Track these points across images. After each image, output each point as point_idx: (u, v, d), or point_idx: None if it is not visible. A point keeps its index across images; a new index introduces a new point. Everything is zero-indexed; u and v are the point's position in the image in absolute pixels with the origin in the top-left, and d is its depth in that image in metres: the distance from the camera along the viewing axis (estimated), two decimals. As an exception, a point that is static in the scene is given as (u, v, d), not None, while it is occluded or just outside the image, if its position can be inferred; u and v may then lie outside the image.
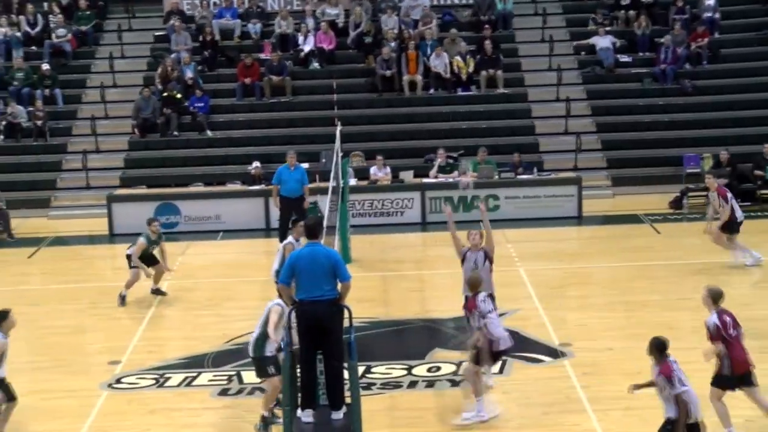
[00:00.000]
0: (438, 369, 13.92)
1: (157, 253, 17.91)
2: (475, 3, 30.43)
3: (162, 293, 17.98)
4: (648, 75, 28.58)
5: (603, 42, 28.98)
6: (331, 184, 19.10)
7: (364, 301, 16.44)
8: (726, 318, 11.36)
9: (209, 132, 27.21)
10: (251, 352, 12.32)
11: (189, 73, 27.85)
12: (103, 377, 14.34)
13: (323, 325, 10.74)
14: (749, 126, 26.93)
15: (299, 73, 28.82)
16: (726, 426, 11.42)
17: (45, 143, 27.22)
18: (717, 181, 19.13)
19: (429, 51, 28.10)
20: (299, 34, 29.33)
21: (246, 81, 27.95)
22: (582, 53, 29.42)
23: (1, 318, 12.09)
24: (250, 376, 13.71)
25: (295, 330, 10.95)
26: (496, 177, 23.88)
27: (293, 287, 10.90)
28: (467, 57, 28.15)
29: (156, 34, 30.44)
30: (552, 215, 23.35)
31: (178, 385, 14.01)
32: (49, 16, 30.16)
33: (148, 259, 17.85)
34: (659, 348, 10.49)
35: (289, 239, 15.63)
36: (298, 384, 11.00)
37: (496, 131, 26.97)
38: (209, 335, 15.93)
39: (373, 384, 13.71)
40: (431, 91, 28.07)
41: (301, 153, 22.83)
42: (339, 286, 10.85)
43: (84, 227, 23.96)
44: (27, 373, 14.70)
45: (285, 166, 21.33)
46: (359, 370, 12.07)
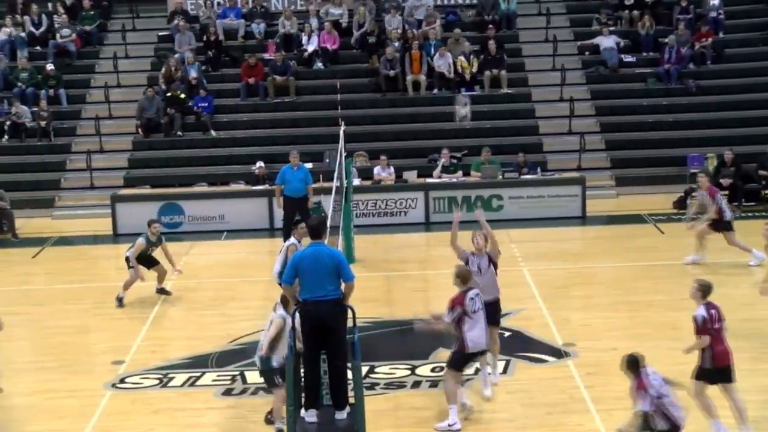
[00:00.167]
0: (442, 369, 13.84)
1: (159, 255, 17.84)
2: (479, 3, 30.43)
3: (167, 293, 17.99)
4: (652, 75, 28.55)
5: (607, 42, 28.96)
6: (335, 184, 19.09)
7: (367, 301, 16.44)
8: (712, 311, 11.44)
9: (213, 132, 27.22)
10: (258, 364, 12.30)
11: (193, 73, 27.87)
12: (107, 377, 14.34)
13: (327, 325, 10.74)
14: (754, 126, 26.90)
15: (303, 73, 28.83)
16: (711, 416, 11.43)
17: (49, 143, 27.24)
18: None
19: (433, 51, 28.11)
20: (303, 34, 29.34)
21: (250, 81, 27.96)
22: (586, 53, 29.39)
23: None
24: (253, 376, 13.73)
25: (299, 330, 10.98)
26: (499, 177, 23.88)
27: (297, 287, 10.92)
28: (471, 57, 28.15)
29: (160, 34, 30.45)
30: (556, 215, 23.34)
31: (181, 385, 14.01)
32: (54, 16, 30.21)
33: (147, 261, 17.82)
34: (633, 365, 10.64)
35: (292, 240, 15.62)
36: (301, 384, 11.02)
37: (499, 131, 26.95)
38: (213, 335, 15.94)
39: (377, 384, 13.72)
40: (435, 91, 28.05)
41: (305, 153, 22.82)
42: (343, 286, 10.85)
43: (88, 227, 23.98)
44: (31, 373, 14.75)
45: (288, 166, 21.31)
46: (363, 370, 12.07)
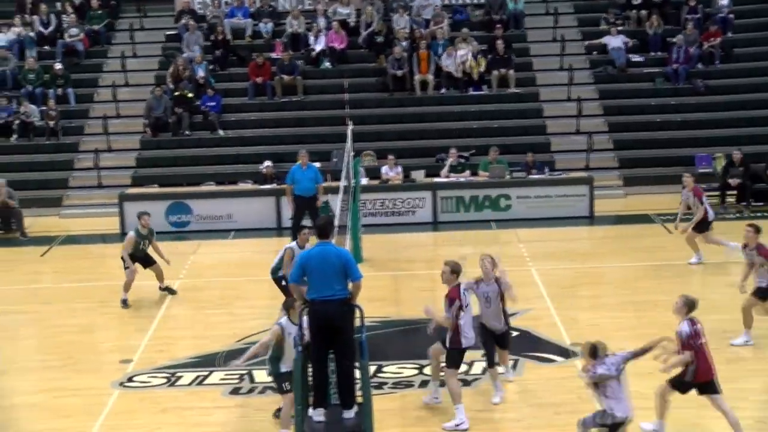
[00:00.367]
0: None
1: (151, 252, 17.79)
2: (487, 3, 30.41)
3: (172, 291, 18.00)
4: (660, 75, 28.50)
5: (615, 41, 28.92)
6: (343, 183, 19.09)
7: (375, 301, 16.44)
8: (697, 326, 11.50)
9: (221, 131, 27.24)
10: (268, 368, 12.35)
11: (200, 73, 27.89)
12: (115, 376, 14.37)
13: (334, 325, 10.74)
14: (762, 125, 26.83)
15: (310, 73, 28.82)
16: (660, 417, 11.70)
17: (57, 142, 27.28)
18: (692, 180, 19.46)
19: (440, 50, 28.09)
20: (311, 33, 29.35)
21: (257, 80, 27.97)
22: (594, 53, 29.35)
23: None
24: (261, 375, 13.75)
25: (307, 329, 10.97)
26: (507, 176, 23.87)
27: (304, 286, 10.92)
28: (479, 56, 28.12)
29: (168, 33, 30.47)
30: (563, 215, 23.32)
31: (189, 384, 14.03)
32: (62, 15, 30.25)
33: (143, 260, 17.77)
34: (593, 352, 10.89)
35: (292, 244, 15.74)
36: (309, 383, 11.02)
37: (507, 131, 26.92)
38: (220, 334, 15.95)
39: (385, 383, 13.72)
40: (443, 91, 28.04)
41: (313, 152, 22.82)
42: (350, 285, 10.84)
43: (96, 226, 24.01)
44: (39, 372, 14.79)
45: (297, 165, 21.34)
46: (371, 369, 12.06)
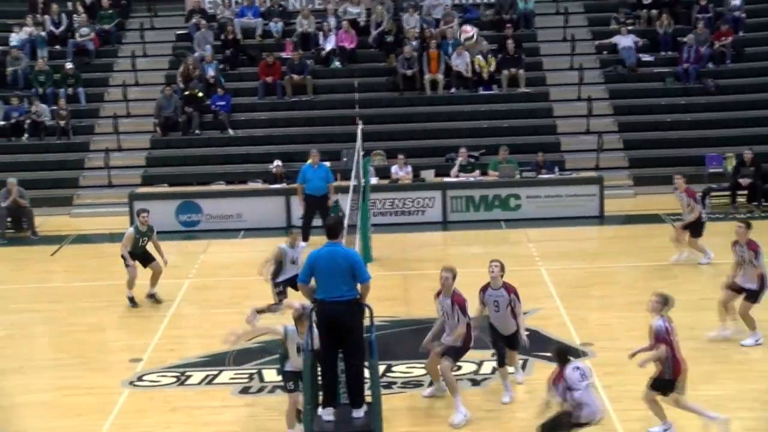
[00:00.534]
0: (459, 368, 13.88)
1: (151, 250, 17.74)
2: (497, 2, 30.39)
3: (158, 300, 17.75)
4: (670, 74, 28.44)
5: (625, 41, 28.87)
6: (352, 182, 19.10)
7: (385, 300, 16.44)
8: (671, 324, 11.67)
9: (231, 130, 27.27)
10: (278, 367, 12.44)
11: (211, 72, 27.92)
12: (125, 375, 14.41)
13: (343, 325, 10.77)
14: (773, 125, 26.80)
15: (320, 72, 28.84)
16: (662, 419, 11.79)
17: (68, 142, 27.34)
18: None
19: (450, 50, 28.09)
20: (321, 32, 29.37)
21: (267, 80, 28.00)
22: (604, 52, 29.30)
23: None
24: (270, 374, 13.79)
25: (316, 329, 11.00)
26: (517, 176, 23.85)
27: (313, 285, 10.95)
28: (489, 56, 28.11)
29: (178, 32, 30.52)
30: (573, 215, 23.29)
31: (199, 383, 14.06)
32: (73, 15, 30.32)
33: (142, 258, 17.71)
34: (562, 356, 11.01)
35: (282, 245, 15.77)
36: (319, 382, 11.04)
37: (517, 130, 26.90)
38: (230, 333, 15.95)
39: (394, 383, 13.72)
40: (452, 90, 28.02)
41: (323, 152, 22.81)
42: (359, 286, 10.85)
43: (106, 225, 24.02)
44: (49, 370, 14.83)
45: (309, 164, 21.36)
46: (380, 368, 12.07)
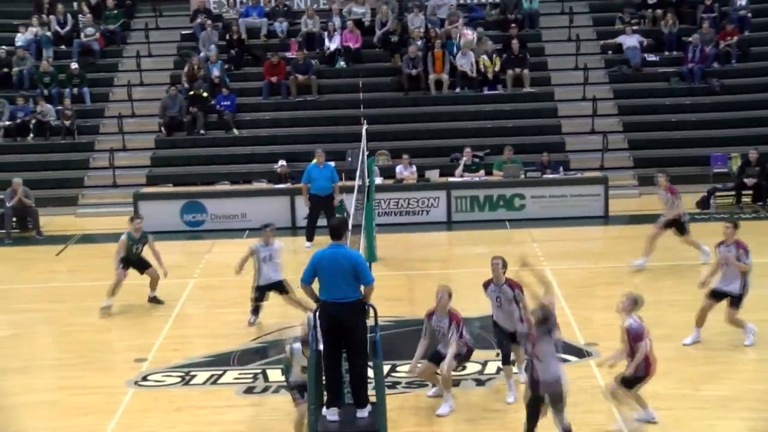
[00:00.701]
0: (463, 368, 13.88)
1: (148, 256, 17.64)
2: (502, 2, 30.38)
3: (159, 302, 17.70)
4: (675, 74, 28.43)
5: (630, 41, 28.85)
6: (357, 182, 19.09)
7: (389, 300, 16.44)
8: (642, 323, 11.81)
9: (235, 130, 27.29)
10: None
11: (215, 72, 27.94)
12: (130, 375, 14.42)
13: (345, 326, 10.77)
14: (779, 125, 26.76)
15: (325, 72, 28.85)
16: (643, 408, 12.03)
17: (73, 141, 27.39)
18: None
19: (455, 50, 28.07)
20: (325, 32, 29.37)
21: (272, 80, 28.02)
22: (609, 52, 29.30)
23: None
24: (275, 374, 13.78)
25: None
26: (522, 176, 23.84)
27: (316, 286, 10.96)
28: (493, 56, 28.10)
29: (183, 32, 30.56)
30: (578, 215, 23.29)
31: (203, 383, 14.07)
32: (79, 15, 30.35)
33: (138, 264, 17.62)
34: (543, 321, 11.11)
35: (257, 244, 15.80)
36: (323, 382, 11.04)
37: (522, 130, 26.90)
38: (235, 333, 15.98)
39: (398, 383, 13.72)
40: (457, 90, 28.03)
41: (327, 152, 22.79)
42: (362, 288, 10.85)
43: (111, 225, 23.94)
44: (54, 370, 14.86)
45: (314, 164, 21.37)
46: (384, 368, 12.06)
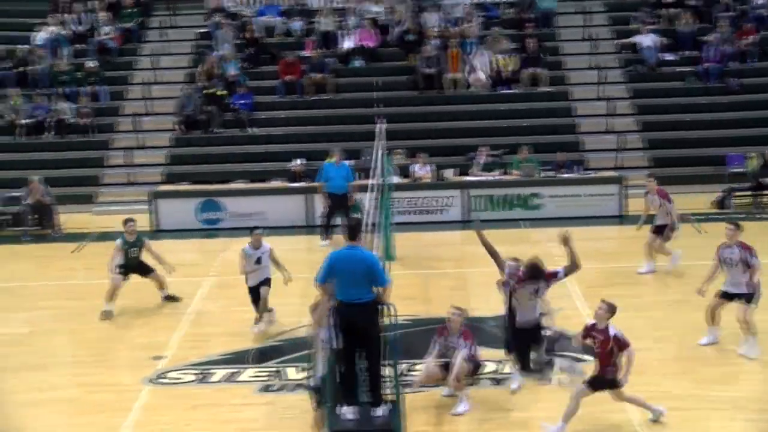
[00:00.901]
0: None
1: (148, 260, 17.60)
2: (518, 1, 30.35)
3: (175, 299, 17.72)
4: (692, 73, 28.34)
5: (646, 40, 28.78)
6: (372, 181, 19.10)
7: (405, 299, 16.41)
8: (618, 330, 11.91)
9: (251, 129, 27.35)
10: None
11: (232, 71, 28.00)
12: (146, 372, 14.45)
13: (360, 327, 10.83)
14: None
15: (341, 71, 28.88)
16: (647, 406, 12.10)
17: (90, 140, 27.49)
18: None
19: (471, 49, 28.04)
20: (341, 31, 29.39)
21: (288, 78, 28.06)
22: (625, 51, 29.23)
23: None
24: (292, 372, 13.81)
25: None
26: (538, 175, 23.83)
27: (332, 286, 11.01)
28: (509, 55, 28.06)
29: (199, 31, 30.62)
30: (594, 214, 23.24)
31: (220, 381, 14.10)
32: (96, 14, 30.43)
33: (139, 269, 17.57)
34: (534, 270, 12.25)
35: (246, 246, 15.81)
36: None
37: (538, 129, 26.87)
38: (252, 331, 16.00)
39: (414, 381, 13.71)
40: (473, 89, 28.00)
41: (343, 150, 22.86)
42: (378, 288, 10.88)
43: (127, 223, 24.12)
44: (70, 367, 14.91)
45: (330, 163, 21.38)
46: (400, 367, 12.08)
